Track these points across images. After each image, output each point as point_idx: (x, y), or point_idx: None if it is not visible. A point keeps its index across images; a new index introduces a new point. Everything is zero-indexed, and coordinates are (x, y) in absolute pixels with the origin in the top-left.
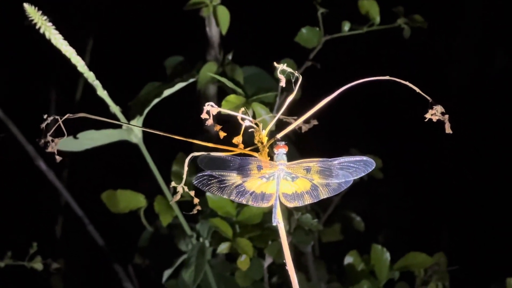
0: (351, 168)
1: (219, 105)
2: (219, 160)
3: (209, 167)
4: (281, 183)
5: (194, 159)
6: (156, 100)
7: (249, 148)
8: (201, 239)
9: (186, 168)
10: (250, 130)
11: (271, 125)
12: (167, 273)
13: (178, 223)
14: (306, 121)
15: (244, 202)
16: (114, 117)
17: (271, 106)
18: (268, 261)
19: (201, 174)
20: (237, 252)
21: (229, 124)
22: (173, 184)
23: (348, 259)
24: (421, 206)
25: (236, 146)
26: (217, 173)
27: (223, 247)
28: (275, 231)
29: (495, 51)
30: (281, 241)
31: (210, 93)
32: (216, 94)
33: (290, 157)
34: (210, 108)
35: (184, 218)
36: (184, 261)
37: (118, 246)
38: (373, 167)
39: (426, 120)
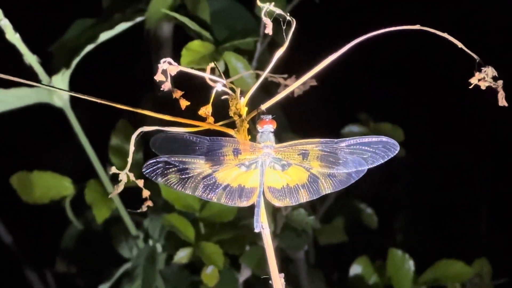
0: (365, 153)
1: (176, 55)
2: (179, 141)
3: (165, 150)
4: (267, 173)
5: (144, 135)
6: (89, 47)
7: (221, 123)
8: (150, 242)
9: (132, 148)
10: (223, 97)
11: (254, 88)
12: None
13: (117, 216)
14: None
15: (215, 200)
16: (29, 71)
17: (249, 56)
18: (244, 274)
19: (154, 160)
20: (202, 261)
21: (192, 85)
22: (113, 169)
23: (355, 269)
24: (455, 191)
25: (203, 119)
26: (176, 159)
27: (182, 255)
28: (253, 231)
29: None
30: (262, 246)
31: (164, 35)
32: (172, 37)
33: (280, 135)
34: (168, 67)
35: (128, 212)
36: (127, 271)
37: (33, 247)
38: (397, 151)
39: (471, 87)
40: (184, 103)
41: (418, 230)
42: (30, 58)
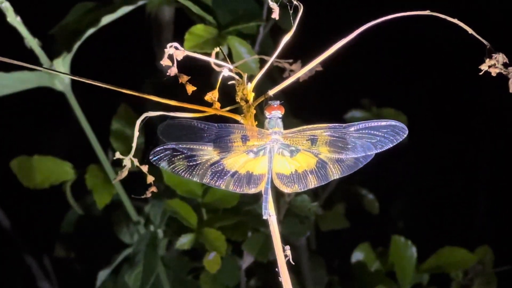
0: (374, 137)
1: (177, 39)
2: (186, 128)
3: (173, 137)
4: (276, 159)
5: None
6: (90, 31)
7: (227, 109)
8: (151, 227)
9: (136, 133)
10: (230, 82)
11: (261, 73)
12: (102, 275)
13: (118, 201)
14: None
15: (223, 187)
16: (30, 54)
17: (251, 40)
18: (247, 260)
19: (161, 147)
20: (204, 248)
21: (193, 70)
22: (117, 155)
23: (357, 256)
24: (456, 178)
25: (207, 104)
26: (184, 146)
27: (184, 241)
28: (256, 217)
29: None
30: (265, 233)
31: (165, 18)
32: (173, 20)
33: (286, 121)
34: (174, 51)
35: (129, 197)
36: (128, 257)
37: (31, 232)
38: (405, 135)
39: (481, 73)
40: (190, 88)
41: (418, 217)
42: (31, 42)
